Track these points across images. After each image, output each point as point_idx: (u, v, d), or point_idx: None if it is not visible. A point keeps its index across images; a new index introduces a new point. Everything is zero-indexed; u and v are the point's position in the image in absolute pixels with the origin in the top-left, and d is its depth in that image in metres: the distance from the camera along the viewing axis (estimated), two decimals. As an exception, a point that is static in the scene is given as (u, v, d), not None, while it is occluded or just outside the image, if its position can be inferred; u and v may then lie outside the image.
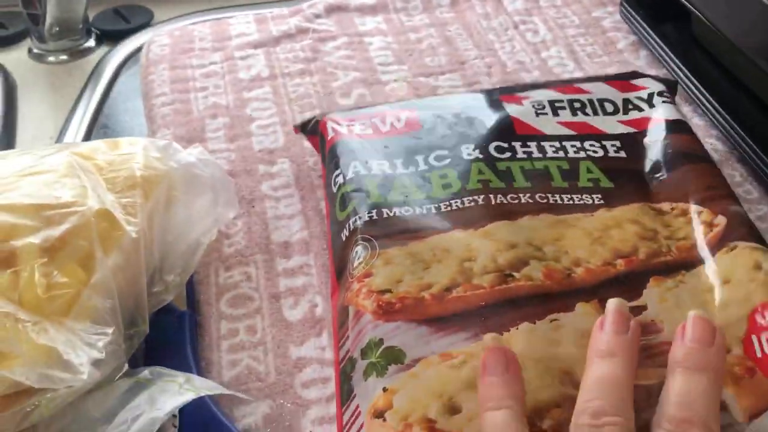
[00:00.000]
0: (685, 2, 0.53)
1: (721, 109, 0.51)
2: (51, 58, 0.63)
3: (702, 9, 0.52)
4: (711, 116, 0.51)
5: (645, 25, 0.59)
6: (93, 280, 0.33)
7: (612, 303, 0.32)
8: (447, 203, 0.39)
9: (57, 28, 0.62)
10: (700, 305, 0.34)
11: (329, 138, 0.45)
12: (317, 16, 0.64)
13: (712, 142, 0.51)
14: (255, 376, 0.37)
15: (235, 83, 0.57)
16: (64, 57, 0.64)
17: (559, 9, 0.66)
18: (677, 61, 0.55)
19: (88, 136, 0.55)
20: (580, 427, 0.28)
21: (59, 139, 0.55)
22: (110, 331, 0.32)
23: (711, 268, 0.35)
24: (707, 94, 0.52)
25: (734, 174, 0.48)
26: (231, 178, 0.46)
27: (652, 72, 0.57)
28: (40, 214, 0.34)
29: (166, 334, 0.37)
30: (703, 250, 0.36)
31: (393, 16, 0.65)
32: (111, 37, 0.66)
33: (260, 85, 0.57)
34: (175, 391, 0.31)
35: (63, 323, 0.31)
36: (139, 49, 0.63)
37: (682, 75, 0.55)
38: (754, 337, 0.32)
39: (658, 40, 0.58)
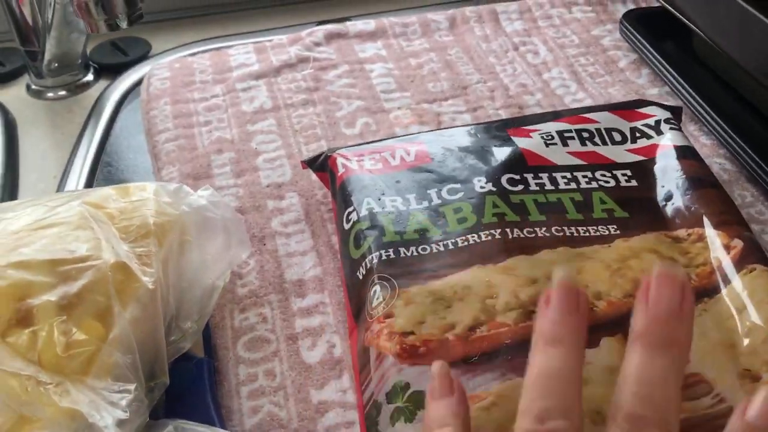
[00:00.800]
0: (685, 20, 0.54)
1: (727, 128, 0.51)
2: (50, 94, 0.63)
3: (702, 26, 0.52)
4: (718, 135, 0.52)
5: (645, 43, 0.59)
6: (112, 335, 0.32)
7: (558, 274, 0.29)
8: (464, 238, 0.39)
9: (56, 64, 0.61)
10: (726, 331, 0.34)
11: (339, 174, 0.45)
12: (317, 44, 0.64)
13: (720, 162, 0.51)
14: (277, 423, 0.37)
15: (238, 116, 0.56)
16: (63, 93, 0.63)
17: (558, 28, 0.66)
18: (680, 79, 0.55)
19: (92, 176, 0.54)
20: None
21: (63, 179, 0.54)
22: (132, 387, 0.32)
23: (733, 290, 0.36)
24: (713, 113, 0.52)
25: (745, 194, 0.48)
26: (241, 216, 0.46)
27: (655, 90, 0.57)
28: (56, 270, 0.33)
29: (185, 382, 0.37)
30: (726, 270, 0.37)
31: (392, 41, 0.65)
32: (109, 71, 0.66)
33: (264, 118, 0.56)
34: (206, 449, 0.31)
35: (84, 382, 0.31)
36: (138, 83, 0.63)
37: (685, 93, 0.55)
38: None
39: (659, 57, 0.58)
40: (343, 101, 0.58)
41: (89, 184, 0.54)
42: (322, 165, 0.47)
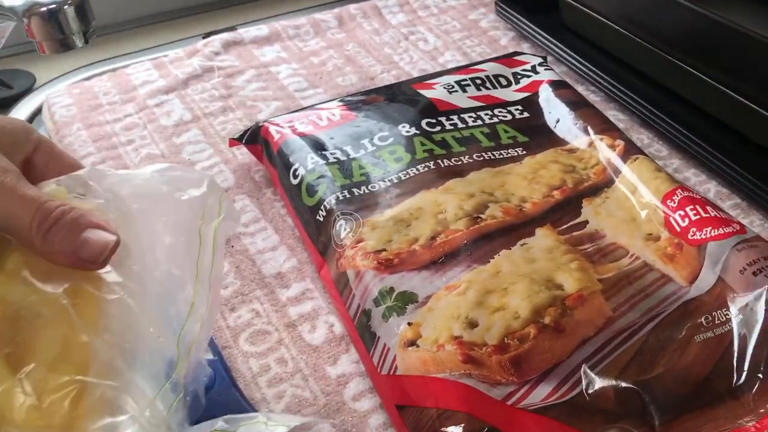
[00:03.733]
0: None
1: (613, 82, 0.58)
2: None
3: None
4: (605, 90, 0.59)
5: (523, 19, 0.66)
6: (93, 366, 0.29)
7: None
8: (405, 172, 0.46)
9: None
10: (626, 209, 0.43)
11: (276, 139, 0.49)
12: (216, 53, 0.64)
13: (614, 114, 0.57)
14: (305, 402, 0.38)
15: (160, 131, 0.56)
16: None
17: (438, 17, 0.71)
18: (561, 45, 0.62)
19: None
20: None
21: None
22: (134, 413, 0.29)
23: (624, 178, 0.45)
24: (598, 71, 0.59)
25: (642, 137, 0.55)
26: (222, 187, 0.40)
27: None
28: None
29: (209, 384, 0.37)
30: (616, 164, 0.46)
31: (289, 43, 0.67)
32: (-3, 106, 0.62)
33: (187, 129, 0.56)
34: (264, 430, 0.32)
35: (78, 428, 0.28)
36: (34, 114, 0.60)
37: (568, 58, 0.62)
38: (671, 218, 0.42)
39: (538, 30, 0.64)
40: (260, 104, 0.59)
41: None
42: (253, 137, 0.51)
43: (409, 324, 0.37)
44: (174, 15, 0.76)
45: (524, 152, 0.48)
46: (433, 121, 0.50)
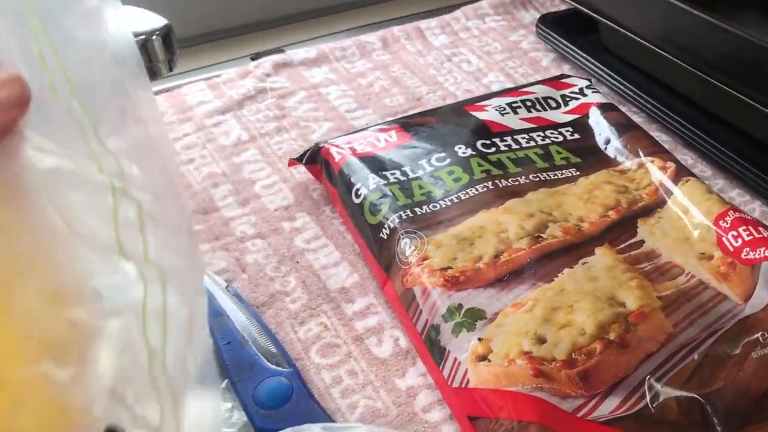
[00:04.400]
0: (596, 15, 0.63)
1: (656, 104, 0.60)
2: None
3: (614, 17, 0.62)
4: (648, 111, 0.61)
5: (563, 41, 0.68)
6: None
7: None
8: (465, 192, 0.48)
9: None
10: (680, 229, 0.45)
11: (337, 160, 0.51)
12: (267, 75, 0.67)
13: (657, 135, 0.59)
14: (378, 413, 0.40)
15: (219, 150, 0.58)
16: None
17: (480, 38, 0.73)
18: (602, 67, 0.64)
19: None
20: None
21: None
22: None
23: (676, 199, 0.47)
24: (640, 93, 0.61)
25: (686, 158, 0.57)
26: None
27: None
28: None
29: (286, 393, 0.39)
30: (667, 185, 0.48)
31: (336, 65, 0.69)
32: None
33: (245, 148, 0.59)
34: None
35: None
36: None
37: (609, 79, 0.64)
38: (724, 238, 0.44)
39: (578, 51, 0.66)
40: (312, 124, 0.61)
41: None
42: (312, 158, 0.53)
43: (480, 339, 0.39)
44: (220, 35, 0.79)
45: (578, 173, 0.50)
46: (488, 142, 0.52)
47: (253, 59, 0.71)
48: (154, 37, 0.41)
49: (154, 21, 0.44)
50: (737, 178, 0.54)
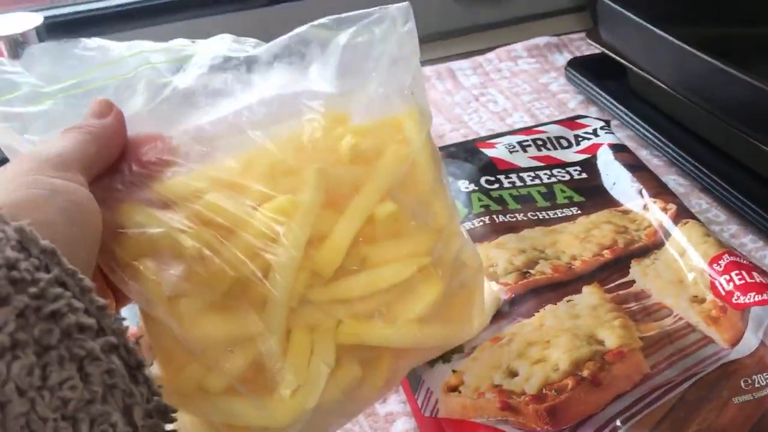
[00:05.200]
0: (624, 61, 0.63)
1: (676, 148, 0.59)
2: None
3: (641, 64, 0.62)
4: (668, 156, 0.60)
5: (591, 84, 0.68)
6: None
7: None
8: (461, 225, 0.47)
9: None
10: (674, 271, 0.45)
11: None
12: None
13: (674, 178, 0.59)
14: (353, 436, 0.41)
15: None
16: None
17: (510, 80, 0.74)
18: (627, 111, 0.64)
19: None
20: None
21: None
22: None
23: (674, 240, 0.47)
24: (661, 137, 0.61)
25: (701, 202, 0.56)
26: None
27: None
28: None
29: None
30: (667, 227, 0.48)
31: (366, 102, 0.71)
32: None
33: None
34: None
35: None
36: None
37: (633, 123, 0.64)
38: (716, 282, 0.43)
39: (605, 95, 0.67)
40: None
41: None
42: None
43: (453, 371, 0.39)
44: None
45: (579, 212, 0.50)
46: (492, 178, 0.53)
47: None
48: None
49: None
50: (750, 224, 0.53)
